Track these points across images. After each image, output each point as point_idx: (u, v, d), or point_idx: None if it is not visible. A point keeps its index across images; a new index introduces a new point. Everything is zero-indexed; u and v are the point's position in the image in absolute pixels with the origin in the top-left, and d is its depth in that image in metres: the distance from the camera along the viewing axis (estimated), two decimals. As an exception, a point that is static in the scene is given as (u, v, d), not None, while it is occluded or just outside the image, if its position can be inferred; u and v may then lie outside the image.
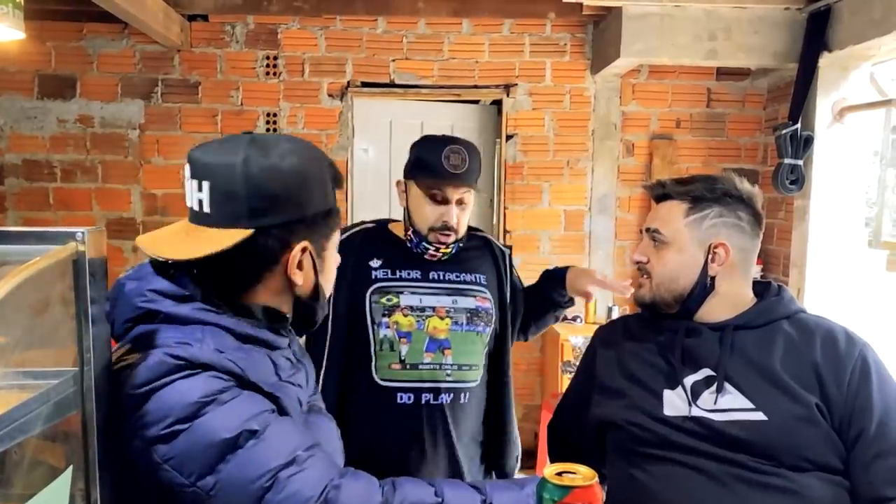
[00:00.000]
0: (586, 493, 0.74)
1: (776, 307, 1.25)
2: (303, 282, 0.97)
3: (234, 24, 3.68)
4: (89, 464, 0.78)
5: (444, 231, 1.60)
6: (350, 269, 1.59)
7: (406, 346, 1.58)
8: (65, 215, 3.71)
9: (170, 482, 0.84)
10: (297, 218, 0.94)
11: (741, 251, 1.26)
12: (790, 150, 3.20)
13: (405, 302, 1.60)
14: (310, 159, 0.97)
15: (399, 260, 1.64)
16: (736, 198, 1.26)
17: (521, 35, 3.76)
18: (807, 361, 1.18)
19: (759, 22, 3.25)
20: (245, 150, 0.92)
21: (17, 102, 3.67)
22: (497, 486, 0.93)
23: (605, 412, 1.30)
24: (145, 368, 0.85)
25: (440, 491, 0.90)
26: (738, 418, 1.16)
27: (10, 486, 0.75)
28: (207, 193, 0.92)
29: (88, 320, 0.78)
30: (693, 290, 1.25)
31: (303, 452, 0.84)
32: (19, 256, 0.73)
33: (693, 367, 1.22)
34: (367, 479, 0.87)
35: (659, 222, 1.29)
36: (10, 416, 0.66)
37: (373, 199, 3.94)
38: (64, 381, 0.75)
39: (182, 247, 0.92)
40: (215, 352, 0.88)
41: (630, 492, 1.24)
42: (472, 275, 1.68)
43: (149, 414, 0.83)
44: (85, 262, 0.78)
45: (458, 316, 1.62)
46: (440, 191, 1.59)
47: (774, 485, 1.12)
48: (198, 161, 0.94)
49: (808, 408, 1.14)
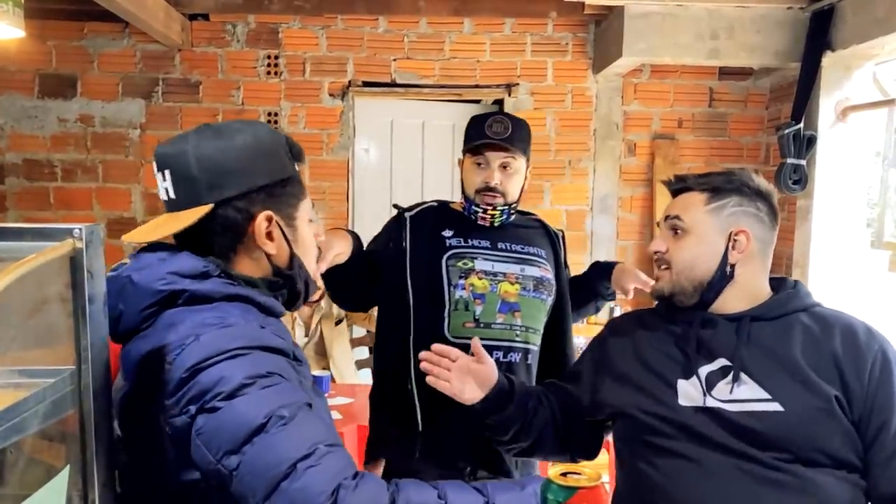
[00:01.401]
0: (591, 493, 0.73)
1: (793, 300, 1.25)
2: (276, 251, 1.03)
3: (235, 23, 3.68)
4: (87, 463, 0.78)
5: (488, 192, 1.74)
6: (425, 239, 1.75)
7: (480, 307, 1.70)
8: (65, 215, 3.70)
9: (199, 460, 0.87)
10: (253, 188, 1.00)
11: (761, 241, 1.26)
12: (793, 150, 3.19)
13: (479, 266, 1.72)
14: (261, 134, 1.03)
15: (468, 230, 1.78)
16: (753, 190, 1.27)
17: (522, 34, 3.75)
18: (827, 352, 1.16)
19: (761, 21, 3.24)
20: (195, 136, 1.00)
21: (17, 102, 3.66)
22: (498, 487, 0.93)
23: (617, 401, 1.28)
24: (197, 348, 0.88)
25: (443, 493, 0.90)
26: (754, 409, 1.14)
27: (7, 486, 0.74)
28: (170, 180, 0.99)
29: (86, 318, 0.77)
30: (713, 279, 1.24)
31: (323, 447, 0.86)
32: (16, 253, 0.73)
33: (708, 358, 1.21)
34: (376, 481, 0.88)
35: (679, 210, 1.29)
36: (5, 414, 0.66)
37: (374, 199, 3.94)
38: (61, 380, 0.75)
39: (156, 232, 1.00)
40: (259, 329, 0.93)
41: (638, 485, 1.23)
42: (534, 248, 1.82)
43: (192, 390, 0.87)
44: (83, 259, 0.77)
45: (526, 282, 1.75)
46: (482, 155, 1.75)
47: (787, 483, 1.11)
48: (158, 154, 1.01)
49: (828, 400, 1.12)
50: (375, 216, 3.95)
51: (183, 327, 0.91)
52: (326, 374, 2.72)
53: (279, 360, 0.92)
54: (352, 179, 3.85)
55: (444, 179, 4.04)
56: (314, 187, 3.75)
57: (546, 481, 0.77)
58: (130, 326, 0.95)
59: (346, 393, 2.75)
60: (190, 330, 0.90)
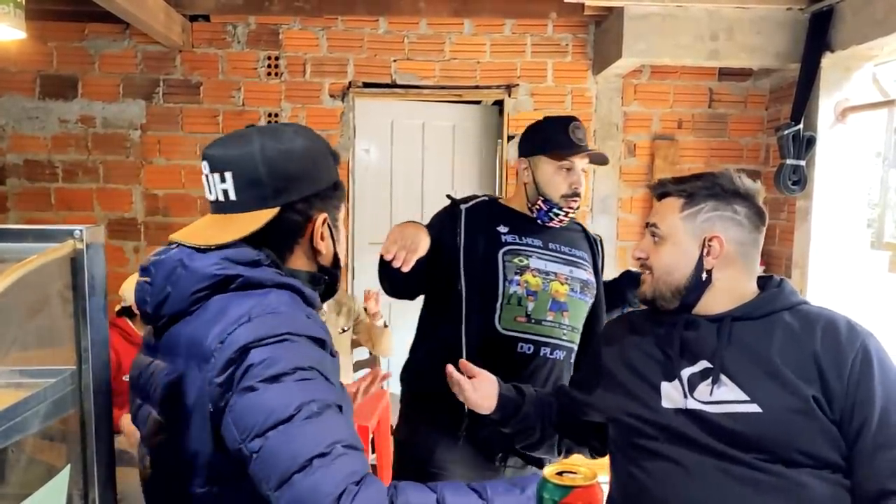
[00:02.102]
0: (587, 492, 0.74)
1: (776, 298, 1.25)
2: (326, 251, 1.09)
3: (236, 24, 3.68)
4: (87, 462, 0.78)
5: (573, 197, 1.81)
6: (480, 232, 1.79)
7: (532, 303, 1.75)
8: (66, 215, 3.71)
9: (227, 436, 0.90)
10: (313, 192, 1.05)
11: (738, 244, 1.26)
12: (792, 151, 3.19)
13: (534, 265, 1.77)
14: (314, 139, 1.09)
15: (522, 228, 1.82)
16: (731, 192, 1.27)
17: (522, 35, 3.75)
18: (807, 352, 1.17)
19: (760, 22, 3.24)
20: (258, 139, 1.03)
21: (18, 102, 3.67)
22: (498, 489, 0.93)
23: (608, 405, 1.31)
24: (248, 329, 0.91)
25: (441, 496, 0.91)
26: (733, 410, 1.15)
27: (9, 485, 0.74)
28: (231, 182, 1.01)
29: (86, 318, 0.78)
30: (690, 284, 1.25)
31: (341, 447, 0.88)
32: (18, 254, 0.73)
33: (691, 360, 1.22)
34: (377, 486, 0.89)
35: (657, 218, 1.31)
36: (7, 413, 0.66)
37: (374, 199, 3.94)
38: (62, 380, 0.75)
39: (218, 234, 1.01)
40: (306, 318, 0.97)
41: (628, 490, 1.24)
42: (579, 251, 1.87)
43: (239, 369, 0.90)
44: (83, 259, 0.77)
45: (574, 284, 1.80)
46: (569, 160, 1.79)
47: (769, 483, 1.11)
48: (215, 156, 1.03)
49: (805, 400, 1.13)
50: (376, 216, 3.96)
51: (235, 310, 0.94)
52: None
53: (321, 354, 0.96)
54: (352, 180, 3.85)
55: (444, 180, 4.04)
56: (314, 188, 3.75)
57: (542, 480, 0.77)
58: (178, 309, 0.98)
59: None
60: (243, 312, 0.93)
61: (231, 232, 1.00)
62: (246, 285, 0.97)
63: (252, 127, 1.07)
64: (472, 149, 4.07)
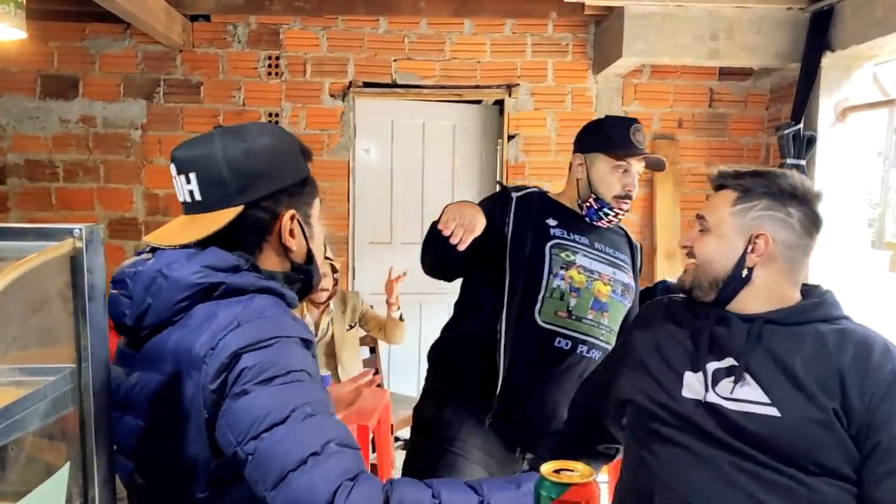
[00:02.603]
0: (584, 490, 0.74)
1: (815, 309, 1.23)
2: (297, 248, 1.09)
3: (236, 24, 3.69)
4: (87, 460, 0.78)
5: (625, 199, 1.80)
6: (529, 223, 1.79)
7: (575, 300, 1.74)
8: (67, 215, 3.71)
9: (221, 440, 0.91)
10: (278, 188, 1.05)
11: (786, 247, 1.24)
12: (793, 151, 3.19)
13: (580, 261, 1.77)
14: (279, 135, 1.09)
15: (571, 224, 1.82)
16: (789, 194, 1.24)
17: (522, 35, 3.76)
18: (832, 366, 1.15)
19: (761, 22, 3.24)
20: (220, 139, 1.04)
21: (19, 102, 3.68)
22: (493, 485, 0.93)
23: (629, 386, 1.31)
24: (239, 334, 0.92)
25: (437, 492, 0.91)
26: (752, 410, 1.15)
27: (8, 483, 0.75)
28: (196, 183, 1.03)
29: (86, 317, 0.78)
30: (729, 279, 1.25)
31: (335, 445, 0.89)
32: (18, 253, 0.73)
33: (718, 355, 1.22)
34: (372, 483, 0.89)
35: (707, 209, 1.31)
36: (6, 411, 0.66)
37: (374, 199, 3.94)
38: (61, 378, 0.75)
39: (185, 234, 1.02)
40: (292, 321, 0.98)
41: (638, 471, 1.25)
42: (623, 254, 1.88)
43: (232, 374, 0.91)
44: (83, 258, 0.78)
45: (616, 286, 1.80)
46: (627, 162, 1.79)
47: (781, 483, 1.11)
48: (180, 158, 1.05)
49: (826, 412, 1.11)
50: (376, 216, 3.96)
51: (223, 317, 0.94)
52: (326, 374, 2.74)
53: (308, 356, 0.97)
54: (352, 180, 3.85)
55: (444, 179, 4.05)
56: (315, 188, 3.76)
57: (539, 478, 0.77)
58: (160, 319, 0.98)
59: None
60: (231, 318, 0.94)
61: (195, 231, 1.01)
62: (229, 292, 0.98)
63: (217, 128, 1.08)
64: (473, 148, 4.07)
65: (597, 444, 1.53)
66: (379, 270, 3.93)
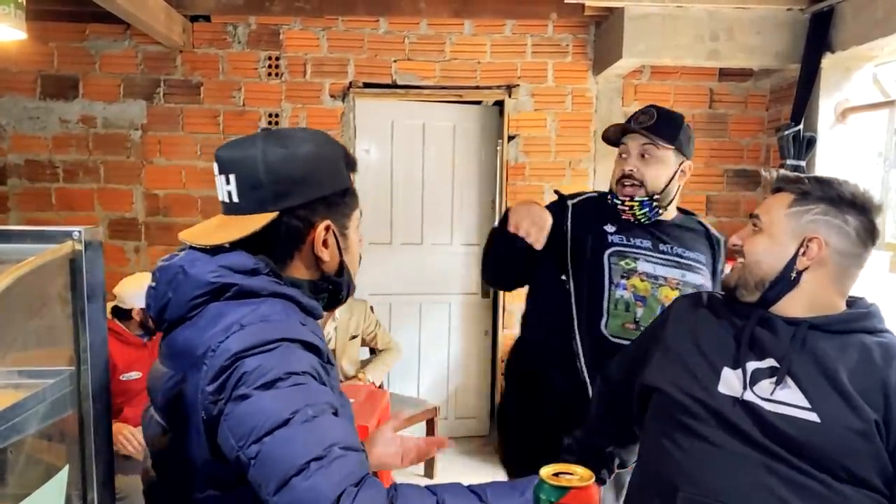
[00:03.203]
0: (583, 493, 0.74)
1: (861, 319, 1.23)
2: (329, 259, 1.08)
3: (236, 24, 3.69)
4: (86, 462, 0.78)
5: (625, 180, 1.70)
6: (587, 230, 1.71)
7: (641, 310, 1.66)
8: (67, 216, 3.71)
9: (223, 444, 0.90)
10: (316, 198, 1.04)
11: (839, 254, 1.22)
12: (793, 151, 3.19)
13: (641, 268, 1.68)
14: (323, 144, 1.08)
15: (631, 227, 1.73)
16: (848, 201, 1.23)
17: (522, 36, 3.75)
18: (877, 378, 1.14)
19: (761, 22, 3.24)
20: (263, 142, 1.03)
21: (19, 103, 3.68)
22: (497, 491, 0.93)
23: (660, 373, 1.29)
24: (240, 337, 0.91)
25: (442, 499, 0.90)
26: (790, 414, 1.14)
27: (7, 485, 0.75)
28: (234, 185, 1.02)
29: (85, 319, 0.78)
30: (776, 280, 1.23)
31: (338, 449, 0.88)
32: (17, 255, 0.74)
33: (759, 355, 1.21)
34: (377, 488, 0.89)
35: (762, 209, 1.29)
36: (6, 414, 0.66)
37: (374, 199, 3.95)
38: (60, 381, 0.76)
39: (218, 234, 1.02)
40: (300, 325, 0.97)
41: (659, 462, 1.23)
42: (695, 253, 1.75)
43: (232, 377, 0.90)
44: (82, 260, 0.78)
45: (686, 289, 1.68)
46: (624, 145, 1.71)
47: (811, 488, 1.10)
48: (223, 158, 1.04)
49: (868, 423, 1.11)
50: (376, 216, 3.96)
51: (228, 318, 0.94)
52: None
53: (314, 359, 0.96)
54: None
55: (444, 180, 4.05)
56: (315, 188, 3.76)
57: (539, 481, 0.77)
58: (177, 315, 0.99)
59: (348, 393, 2.76)
60: (234, 320, 0.94)
61: (228, 233, 1.00)
62: (241, 294, 0.98)
63: (264, 130, 1.08)
64: (473, 149, 4.07)
65: (605, 447, 1.50)
66: (379, 271, 3.94)
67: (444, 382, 4.11)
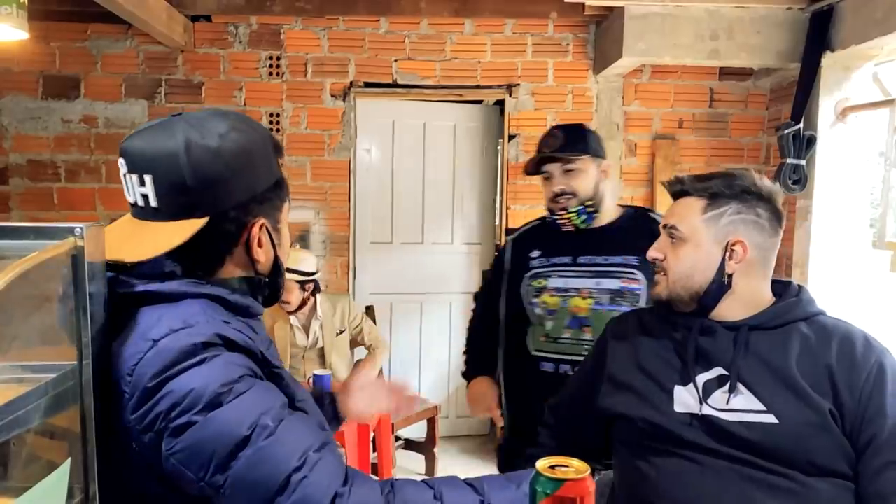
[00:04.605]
0: (578, 485, 0.74)
1: (794, 308, 1.23)
2: (264, 259, 0.97)
3: (238, 24, 3.70)
4: (87, 457, 0.79)
5: (557, 199, 1.83)
6: (520, 261, 1.90)
7: (551, 322, 1.81)
8: (69, 215, 3.72)
9: (178, 479, 0.82)
10: (249, 197, 0.93)
11: (760, 249, 1.23)
12: (793, 150, 3.20)
13: (552, 284, 1.83)
14: (249, 132, 0.94)
15: (554, 247, 1.87)
16: (755, 194, 1.24)
17: (523, 35, 3.76)
18: (821, 365, 1.15)
19: (761, 21, 3.24)
20: (182, 134, 0.89)
21: (21, 103, 3.69)
22: (494, 484, 0.91)
23: (614, 404, 1.29)
24: (156, 355, 0.81)
25: (439, 493, 0.89)
26: (749, 419, 1.15)
27: (9, 479, 0.75)
28: (152, 187, 0.89)
29: (87, 315, 0.79)
30: (709, 288, 1.23)
31: (313, 454, 0.83)
32: (19, 251, 0.74)
33: (706, 366, 1.21)
34: (368, 483, 0.87)
35: (676, 219, 1.27)
36: (8, 408, 0.67)
37: (375, 199, 3.95)
38: (62, 375, 0.76)
39: (139, 247, 0.89)
40: (223, 324, 0.86)
41: (636, 482, 1.24)
42: (622, 257, 1.81)
43: (161, 404, 0.80)
44: (83, 257, 0.78)
45: (601, 296, 1.79)
46: (545, 171, 1.85)
47: (782, 486, 1.11)
48: (133, 154, 0.90)
49: (822, 414, 1.12)
50: (377, 217, 3.97)
51: (136, 334, 0.84)
52: (327, 373, 2.73)
53: (244, 358, 0.86)
54: (353, 180, 3.86)
55: (445, 179, 4.06)
56: (316, 188, 3.77)
57: (535, 473, 0.78)
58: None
59: (347, 392, 2.76)
60: (145, 335, 0.83)
61: (151, 245, 0.88)
62: (154, 299, 0.87)
63: (178, 116, 0.93)
64: (474, 148, 4.08)
65: None
66: (380, 270, 3.94)
67: (444, 381, 4.12)
